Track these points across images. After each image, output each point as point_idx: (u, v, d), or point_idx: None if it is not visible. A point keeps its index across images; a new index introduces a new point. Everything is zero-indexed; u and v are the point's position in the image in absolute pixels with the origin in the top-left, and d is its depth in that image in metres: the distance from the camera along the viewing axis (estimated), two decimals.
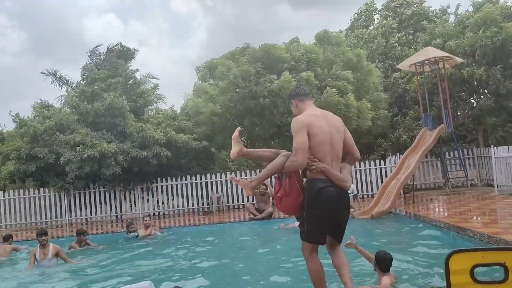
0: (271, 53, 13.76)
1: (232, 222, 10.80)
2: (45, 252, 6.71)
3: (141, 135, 12.75)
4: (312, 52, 14.19)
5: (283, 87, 12.68)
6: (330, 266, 3.68)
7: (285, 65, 13.60)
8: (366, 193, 13.41)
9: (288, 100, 3.95)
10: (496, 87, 12.97)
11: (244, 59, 13.77)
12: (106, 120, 13.14)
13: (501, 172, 11.21)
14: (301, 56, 13.79)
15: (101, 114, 13.08)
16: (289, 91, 12.76)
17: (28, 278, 6.19)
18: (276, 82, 12.84)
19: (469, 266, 1.49)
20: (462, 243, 6.05)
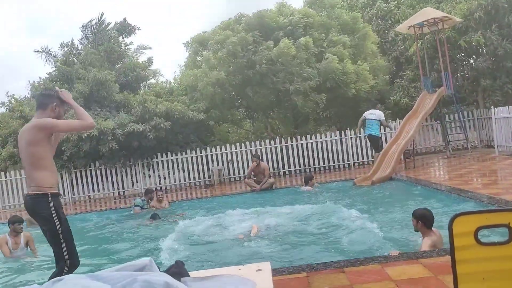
0: (266, 20, 13.48)
1: (234, 194, 10.84)
2: (17, 241, 6.11)
3: (141, 108, 12.64)
4: (308, 16, 13.89)
5: (283, 53, 12.49)
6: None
7: (281, 32, 13.36)
8: (367, 160, 13.42)
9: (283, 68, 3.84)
10: (494, 48, 12.76)
11: (240, 27, 13.50)
12: (93, 96, 13.04)
13: (502, 133, 11.17)
14: (298, 21, 13.51)
15: (85, 95, 12.96)
16: (289, 57, 12.69)
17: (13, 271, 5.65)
18: (275, 49, 12.64)
19: (473, 228, 1.46)
20: (463, 205, 6.07)
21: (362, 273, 3.53)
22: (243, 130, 17.97)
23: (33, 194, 3.29)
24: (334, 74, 12.73)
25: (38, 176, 3.30)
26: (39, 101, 3.53)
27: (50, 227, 3.29)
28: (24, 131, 3.39)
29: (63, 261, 3.29)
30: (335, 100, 14.14)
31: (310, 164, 13.52)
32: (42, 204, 3.27)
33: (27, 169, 3.38)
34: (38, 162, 3.32)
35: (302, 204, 8.22)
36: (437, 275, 3.29)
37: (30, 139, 3.31)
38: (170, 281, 0.89)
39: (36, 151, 3.31)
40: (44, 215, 3.28)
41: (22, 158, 3.44)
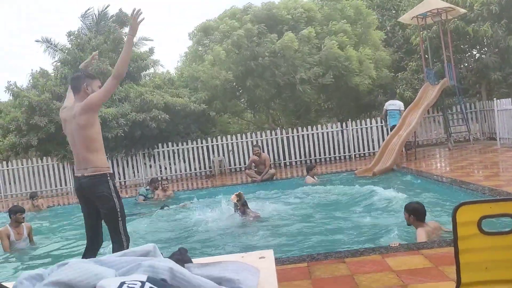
0: (273, 13, 13.46)
1: (235, 184, 10.86)
2: (19, 232, 6.00)
3: (139, 99, 12.67)
4: (310, 10, 13.85)
5: (286, 46, 12.47)
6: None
7: (285, 26, 13.36)
8: (368, 151, 13.41)
9: (285, 61, 3.90)
10: (497, 41, 12.68)
11: (247, 17, 13.46)
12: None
13: (504, 125, 11.13)
14: (300, 16, 13.49)
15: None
16: (292, 51, 12.68)
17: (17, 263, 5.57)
18: (279, 42, 12.64)
19: (476, 217, 1.46)
20: (464, 197, 6.08)
21: (363, 264, 3.54)
22: (244, 121, 17.95)
23: (92, 175, 3.40)
24: (336, 60, 12.69)
25: (94, 158, 3.43)
26: (72, 85, 3.63)
27: (110, 206, 3.42)
28: (73, 117, 3.47)
29: (119, 238, 3.45)
30: (337, 91, 14.09)
31: (311, 155, 13.52)
32: (102, 184, 3.40)
33: (81, 152, 3.45)
34: (93, 145, 3.44)
35: (305, 195, 8.25)
36: (438, 265, 3.30)
37: (83, 123, 3.40)
38: (174, 267, 0.89)
39: (90, 134, 3.43)
40: (105, 194, 3.40)
41: (73, 142, 3.52)
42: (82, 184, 3.45)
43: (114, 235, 3.48)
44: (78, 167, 3.52)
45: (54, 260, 5.38)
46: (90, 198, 3.49)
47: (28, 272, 0.97)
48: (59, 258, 5.45)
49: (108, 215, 3.47)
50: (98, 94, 3.45)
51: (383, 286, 3.02)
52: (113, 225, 3.48)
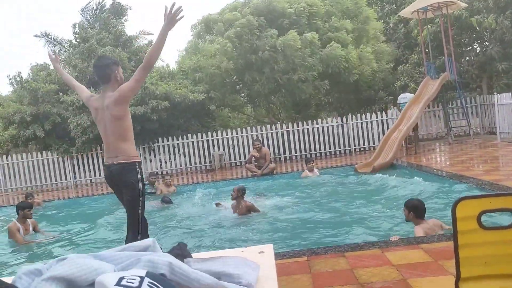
0: (274, 4, 13.38)
1: (235, 179, 10.86)
2: (26, 227, 6.15)
3: (141, 91, 12.65)
4: (313, 5, 13.75)
5: (288, 44, 12.42)
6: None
7: (286, 20, 13.28)
8: (368, 146, 13.41)
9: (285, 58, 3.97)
10: (502, 33, 12.62)
11: (248, 10, 13.40)
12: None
13: (504, 120, 11.12)
14: (303, 10, 13.39)
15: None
16: (293, 49, 12.62)
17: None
18: (281, 39, 12.58)
19: (476, 212, 1.45)
20: (464, 191, 6.08)
21: (363, 258, 3.55)
22: (245, 115, 17.93)
23: (122, 163, 3.50)
24: (336, 61, 12.67)
25: (126, 147, 3.53)
26: (98, 74, 3.59)
27: (134, 193, 3.53)
28: (105, 107, 3.50)
29: (136, 228, 3.55)
30: (337, 86, 14.07)
31: (311, 150, 13.52)
32: (131, 172, 3.51)
33: (113, 141, 3.53)
34: (126, 134, 3.55)
35: (304, 189, 8.26)
36: (437, 260, 3.31)
37: (117, 114, 3.47)
38: (173, 261, 0.89)
39: (124, 123, 3.53)
40: (132, 182, 3.51)
41: (105, 131, 3.57)
42: (112, 171, 3.56)
43: (131, 223, 3.59)
44: (109, 155, 3.60)
45: (56, 254, 5.40)
46: (118, 185, 3.61)
47: (27, 267, 0.97)
48: (61, 252, 5.47)
49: (130, 202, 3.57)
50: (130, 85, 3.45)
51: (383, 280, 3.03)
52: (133, 213, 3.58)
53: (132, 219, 3.58)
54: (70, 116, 12.44)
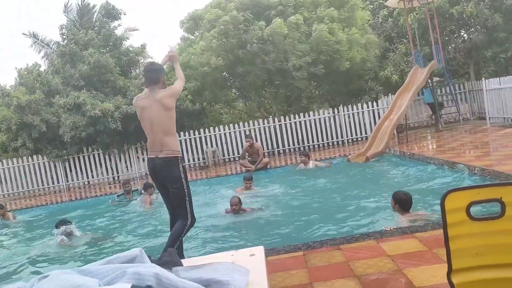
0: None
1: (229, 175, 10.85)
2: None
3: (137, 91, 12.57)
4: None
5: (275, 32, 12.37)
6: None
7: (272, 11, 13.21)
8: (361, 136, 13.45)
9: (275, 47, 4.23)
10: (484, 20, 12.69)
11: (232, 5, 13.29)
12: (93, 79, 12.96)
13: (493, 105, 11.21)
14: (286, 1, 13.35)
15: (86, 77, 12.87)
16: (281, 36, 12.57)
17: None
18: (268, 28, 12.51)
19: (465, 204, 1.46)
20: (456, 178, 6.14)
21: (358, 250, 3.57)
22: (236, 111, 17.89)
23: (167, 157, 3.79)
24: (327, 44, 12.62)
25: (171, 142, 3.83)
26: (151, 76, 3.94)
27: (179, 187, 3.80)
28: (157, 100, 3.82)
29: (185, 219, 3.84)
30: (328, 76, 14.05)
31: (304, 142, 13.54)
32: (175, 166, 3.79)
33: (159, 135, 3.81)
34: (171, 129, 3.86)
35: (298, 182, 8.28)
36: (431, 248, 3.33)
37: (169, 105, 3.82)
38: (160, 272, 0.87)
39: (170, 118, 3.86)
40: (176, 175, 3.79)
41: (151, 126, 3.85)
42: (156, 165, 3.82)
43: (180, 211, 3.86)
44: (153, 149, 3.87)
45: (49, 262, 5.36)
46: (161, 178, 3.87)
47: (8, 286, 0.95)
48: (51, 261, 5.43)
49: (176, 194, 3.83)
50: (179, 85, 3.96)
51: (378, 272, 3.05)
52: (179, 203, 3.85)
53: (180, 209, 3.85)
54: (62, 116, 12.31)
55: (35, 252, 5.78)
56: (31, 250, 6.02)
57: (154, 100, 3.83)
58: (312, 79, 13.82)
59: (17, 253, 5.98)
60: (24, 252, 5.98)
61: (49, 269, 4.93)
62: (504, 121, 10.84)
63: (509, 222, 1.45)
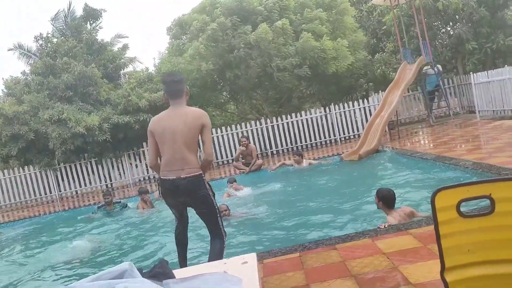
0: (244, 5, 13.26)
1: (223, 177, 10.82)
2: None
3: (124, 101, 12.50)
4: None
5: (261, 38, 12.35)
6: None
7: (259, 17, 13.19)
8: (353, 134, 13.50)
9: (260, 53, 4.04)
10: (470, 13, 12.81)
11: (218, 11, 13.27)
12: (78, 90, 12.83)
13: (482, 98, 11.32)
14: (273, 6, 13.33)
15: (72, 86, 12.73)
16: (266, 42, 12.56)
17: None
18: (253, 34, 12.49)
19: (455, 201, 1.47)
20: (449, 172, 6.18)
21: (354, 249, 3.58)
22: (228, 113, 17.88)
23: (191, 176, 3.47)
24: (312, 52, 12.65)
25: (193, 159, 3.53)
26: (175, 88, 3.62)
27: (209, 205, 3.56)
28: (188, 116, 3.52)
29: (220, 235, 3.60)
30: (317, 77, 14.10)
31: (297, 142, 13.57)
32: (201, 184, 3.51)
33: (181, 149, 3.48)
34: (194, 147, 3.56)
35: (294, 182, 8.29)
36: (426, 244, 3.35)
37: (196, 125, 3.50)
38: (149, 287, 0.87)
39: (195, 137, 3.54)
40: (204, 194, 3.52)
41: (174, 137, 3.49)
42: (179, 186, 3.48)
43: (215, 230, 3.61)
44: (172, 168, 3.50)
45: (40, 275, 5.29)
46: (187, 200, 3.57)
47: None
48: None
49: (207, 215, 3.60)
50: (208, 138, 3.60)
51: (375, 270, 3.06)
52: (212, 223, 3.62)
53: (214, 227, 3.61)
54: (49, 129, 12.14)
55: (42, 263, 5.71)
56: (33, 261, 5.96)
57: (181, 113, 3.52)
58: (302, 80, 13.82)
59: (16, 263, 5.93)
60: (24, 263, 5.91)
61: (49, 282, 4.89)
62: (494, 114, 10.95)
63: (499, 218, 1.46)
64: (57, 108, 12.14)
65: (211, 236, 3.65)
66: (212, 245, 3.61)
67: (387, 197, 4.40)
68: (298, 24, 13.37)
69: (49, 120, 12.11)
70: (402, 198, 5.27)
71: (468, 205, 2.46)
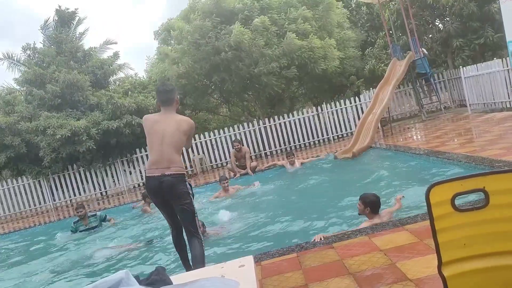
0: (223, 6, 13.09)
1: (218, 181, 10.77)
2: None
3: (111, 104, 12.40)
4: None
5: (241, 41, 12.20)
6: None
7: (240, 15, 13.01)
8: (346, 132, 13.55)
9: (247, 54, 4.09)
10: (460, 8, 12.91)
11: (196, 15, 13.17)
12: (66, 98, 12.77)
13: (472, 91, 11.42)
14: (252, 5, 13.19)
15: (58, 94, 12.67)
16: (247, 44, 12.39)
17: None
18: (232, 36, 12.31)
19: (449, 196, 1.47)
20: (442, 166, 6.21)
21: (351, 247, 3.58)
22: (221, 116, 17.86)
23: (175, 174, 3.67)
24: (299, 51, 12.55)
25: (179, 160, 3.79)
26: (166, 97, 3.89)
27: (188, 203, 3.72)
28: (177, 121, 3.80)
29: (198, 234, 3.76)
30: (307, 76, 14.08)
31: (290, 143, 13.58)
32: (183, 183, 3.71)
33: (168, 150, 3.69)
34: (180, 149, 3.83)
35: (286, 183, 8.28)
36: (423, 239, 3.36)
37: (184, 130, 3.78)
38: None
39: (183, 141, 3.80)
40: (185, 191, 3.70)
41: (162, 140, 3.72)
42: (163, 182, 3.64)
43: (190, 227, 3.75)
44: (158, 166, 3.68)
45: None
46: (169, 196, 3.70)
47: None
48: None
49: (185, 211, 3.72)
50: (191, 138, 4.03)
51: (372, 267, 3.06)
52: (189, 223, 3.75)
53: (191, 225, 3.74)
54: (38, 138, 12.04)
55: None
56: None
57: (171, 117, 3.80)
58: (292, 80, 13.77)
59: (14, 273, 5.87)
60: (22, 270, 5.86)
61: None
62: (485, 107, 11.04)
63: (493, 211, 1.47)
64: (43, 118, 12.07)
65: (188, 236, 3.78)
66: (192, 246, 3.72)
67: (375, 203, 4.33)
68: (282, 23, 13.19)
69: (35, 129, 12.03)
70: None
71: (463, 199, 2.48)
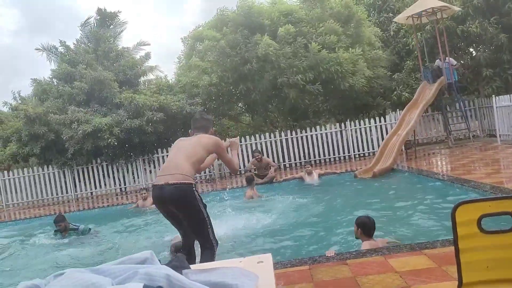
0: (252, 20, 13.26)
1: (235, 188, 10.83)
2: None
3: (133, 104, 12.65)
4: (291, 12, 13.61)
5: (268, 53, 12.31)
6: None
7: (267, 27, 13.17)
8: (368, 151, 13.39)
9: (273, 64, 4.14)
10: (491, 38, 12.69)
11: (228, 29, 13.37)
12: (94, 94, 13.16)
13: (503, 122, 11.13)
14: (278, 20, 13.29)
15: (86, 91, 13.07)
16: (274, 56, 12.47)
17: None
18: (260, 48, 12.41)
19: (476, 216, 1.45)
20: (466, 195, 6.06)
21: (365, 265, 3.53)
22: (243, 124, 17.94)
23: (178, 183, 3.41)
24: (327, 64, 12.52)
25: (188, 168, 3.51)
26: (201, 123, 4.00)
27: (198, 217, 3.50)
28: (203, 137, 3.79)
29: (211, 247, 3.52)
30: (333, 92, 14.01)
31: (311, 157, 13.50)
32: (188, 193, 3.45)
33: (178, 158, 3.58)
34: (193, 160, 3.59)
35: (304, 196, 8.24)
36: (441, 265, 3.28)
37: (203, 144, 3.69)
38: (171, 273, 0.88)
39: (200, 153, 3.65)
40: (191, 204, 3.47)
41: (177, 151, 3.70)
42: (164, 193, 3.45)
43: (205, 243, 3.55)
44: (163, 173, 3.56)
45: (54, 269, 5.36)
46: (175, 209, 3.52)
47: (25, 283, 0.97)
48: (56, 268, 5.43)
49: (194, 224, 3.55)
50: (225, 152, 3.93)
51: None
52: (200, 233, 3.56)
53: (205, 240, 3.54)
54: (63, 130, 12.39)
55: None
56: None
57: (196, 137, 3.81)
58: (316, 95, 13.74)
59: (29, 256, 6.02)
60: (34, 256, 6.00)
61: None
62: None
63: None
64: (71, 111, 12.44)
65: (202, 248, 3.59)
66: (203, 257, 3.53)
67: (366, 224, 4.24)
68: (311, 37, 13.11)
69: (62, 123, 12.40)
70: (412, 218, 5.19)
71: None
